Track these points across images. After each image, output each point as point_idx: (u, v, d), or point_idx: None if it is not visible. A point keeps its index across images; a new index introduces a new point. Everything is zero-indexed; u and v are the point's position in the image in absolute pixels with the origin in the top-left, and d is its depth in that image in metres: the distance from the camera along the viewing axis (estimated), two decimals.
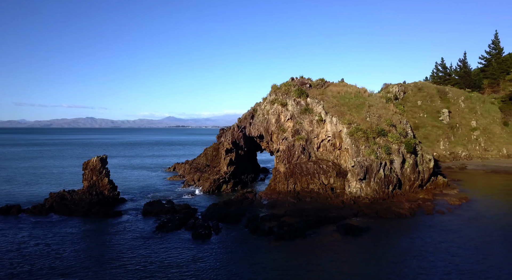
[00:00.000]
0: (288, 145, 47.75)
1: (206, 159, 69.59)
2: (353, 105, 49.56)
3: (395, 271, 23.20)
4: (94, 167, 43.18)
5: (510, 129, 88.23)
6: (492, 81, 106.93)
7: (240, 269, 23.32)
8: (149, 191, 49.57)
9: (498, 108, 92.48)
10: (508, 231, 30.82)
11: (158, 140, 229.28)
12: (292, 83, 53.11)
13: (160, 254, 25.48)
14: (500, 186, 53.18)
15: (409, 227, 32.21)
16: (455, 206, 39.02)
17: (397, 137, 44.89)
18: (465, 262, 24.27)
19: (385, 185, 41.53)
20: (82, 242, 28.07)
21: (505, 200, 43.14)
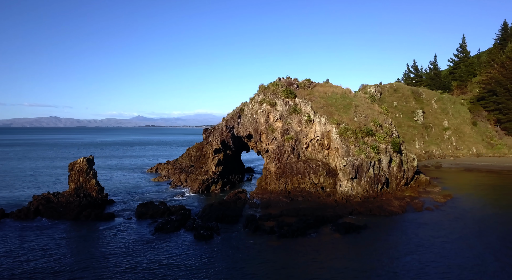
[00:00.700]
0: (278, 145, 48.07)
1: (189, 160, 68.88)
2: (340, 106, 50.55)
3: (399, 266, 24.00)
4: (81, 168, 41.79)
5: (478, 129, 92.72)
6: (460, 83, 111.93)
7: (252, 268, 23.44)
8: (136, 192, 48.48)
9: (467, 109, 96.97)
10: (495, 226, 32.45)
11: (130, 140, 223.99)
12: (280, 83, 53.50)
13: (167, 256, 25.08)
14: (476, 183, 55.80)
15: (403, 224, 33.26)
16: (441, 203, 40.62)
17: (384, 136, 46.23)
18: (461, 257, 25.36)
19: (374, 183, 42.67)
20: (81, 247, 27.12)
21: (485, 197, 45.34)
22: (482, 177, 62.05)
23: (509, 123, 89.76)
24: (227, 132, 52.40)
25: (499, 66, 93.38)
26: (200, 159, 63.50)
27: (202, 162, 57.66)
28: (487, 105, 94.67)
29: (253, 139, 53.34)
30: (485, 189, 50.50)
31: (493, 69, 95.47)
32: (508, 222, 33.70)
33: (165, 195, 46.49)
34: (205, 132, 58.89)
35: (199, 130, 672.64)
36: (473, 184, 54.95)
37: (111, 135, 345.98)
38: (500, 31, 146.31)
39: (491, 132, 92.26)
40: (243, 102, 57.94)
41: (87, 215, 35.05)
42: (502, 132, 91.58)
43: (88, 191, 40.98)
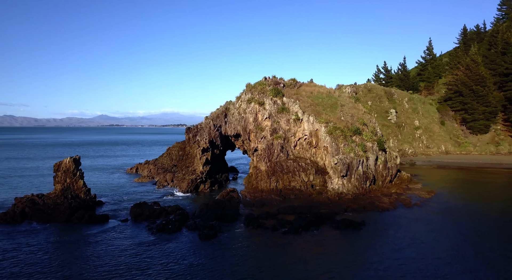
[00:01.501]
0: (267, 144, 48.40)
1: (170, 159, 67.84)
2: (327, 105, 51.61)
3: (401, 258, 25.06)
4: (67, 168, 40.20)
5: (446, 128, 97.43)
6: (428, 84, 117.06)
7: (265, 264, 23.79)
8: (122, 193, 47.19)
9: (436, 109, 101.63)
10: (481, 219, 34.43)
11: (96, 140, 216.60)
12: (267, 83, 53.86)
13: (178, 256, 24.77)
14: (452, 180, 58.78)
15: (397, 219, 34.53)
16: (426, 199, 42.51)
17: (370, 135, 47.70)
18: (457, 248, 26.77)
19: (363, 181, 43.96)
20: (84, 252, 26.13)
21: (465, 192, 47.90)
22: (455, 174, 65.37)
23: (474, 122, 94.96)
24: (215, 131, 52.12)
25: (465, 68, 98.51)
26: (183, 158, 62.66)
27: (187, 162, 56.94)
28: (454, 105, 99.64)
29: (240, 138, 53.36)
30: (463, 185, 53.33)
31: (459, 71, 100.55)
32: (494, 215, 35.85)
33: (154, 196, 45.60)
34: (190, 131, 58.26)
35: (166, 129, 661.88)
36: (449, 180, 57.82)
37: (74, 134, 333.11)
38: (460, 36, 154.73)
39: (457, 131, 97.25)
40: (228, 101, 57.91)
41: (80, 217, 33.82)
42: (467, 131, 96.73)
43: (75, 192, 39.48)
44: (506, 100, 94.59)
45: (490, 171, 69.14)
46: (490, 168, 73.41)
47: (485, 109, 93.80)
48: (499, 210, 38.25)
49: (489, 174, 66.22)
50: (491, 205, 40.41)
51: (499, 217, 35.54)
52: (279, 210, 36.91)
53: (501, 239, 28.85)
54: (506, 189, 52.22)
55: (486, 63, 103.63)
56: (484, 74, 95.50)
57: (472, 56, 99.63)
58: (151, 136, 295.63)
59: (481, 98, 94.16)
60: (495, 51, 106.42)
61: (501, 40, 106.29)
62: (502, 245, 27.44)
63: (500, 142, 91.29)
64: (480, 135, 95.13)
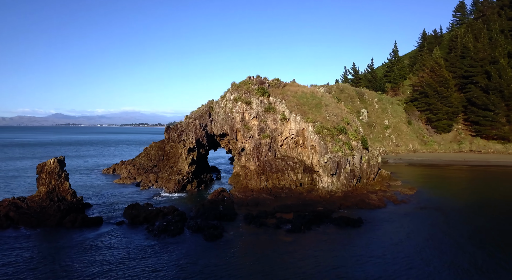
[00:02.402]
0: (255, 143, 48.57)
1: (148, 159, 66.32)
2: (312, 105, 52.56)
3: (404, 251, 26.37)
4: (52, 170, 38.34)
5: (413, 127, 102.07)
6: (394, 85, 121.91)
7: (279, 260, 24.23)
8: (106, 195, 45.56)
9: (403, 109, 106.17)
10: (467, 213, 36.62)
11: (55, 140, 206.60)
12: (252, 82, 54.00)
13: (190, 258, 24.45)
14: (426, 176, 61.81)
15: (389, 215, 35.88)
16: (410, 195, 44.47)
17: (355, 134, 49.16)
18: (452, 240, 28.36)
19: (350, 179, 45.26)
20: (88, 257, 25.09)
21: (442, 188, 50.63)
22: (426, 170, 68.74)
23: (438, 122, 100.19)
24: (201, 131, 51.57)
25: (429, 71, 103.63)
26: (164, 159, 61.47)
27: (171, 162, 55.88)
28: (419, 106, 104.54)
29: (226, 137, 53.17)
30: (438, 181, 56.29)
31: (424, 73, 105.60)
32: (477, 209, 38.19)
33: (142, 197, 44.43)
34: (170, 131, 57.35)
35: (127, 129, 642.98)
36: (424, 177, 60.77)
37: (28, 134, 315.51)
38: (420, 39, 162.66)
39: (423, 130, 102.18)
40: (210, 100, 57.61)
41: (72, 221, 32.35)
42: (432, 130, 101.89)
43: (61, 195, 37.72)
44: (466, 101, 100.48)
45: (457, 168, 73.34)
46: (456, 165, 77.86)
47: (448, 109, 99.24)
48: (480, 204, 40.76)
49: (457, 170, 70.23)
50: (470, 199, 43.00)
51: (483, 210, 37.90)
52: (275, 209, 37.25)
53: (491, 230, 30.86)
54: (476, 183, 55.54)
55: (447, 66, 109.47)
56: (447, 76, 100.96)
57: (436, 59, 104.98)
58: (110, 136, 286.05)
59: (444, 99, 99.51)
60: (455, 54, 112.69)
61: (460, 45, 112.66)
62: (493, 235, 29.37)
63: (462, 141, 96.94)
64: (443, 134, 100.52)
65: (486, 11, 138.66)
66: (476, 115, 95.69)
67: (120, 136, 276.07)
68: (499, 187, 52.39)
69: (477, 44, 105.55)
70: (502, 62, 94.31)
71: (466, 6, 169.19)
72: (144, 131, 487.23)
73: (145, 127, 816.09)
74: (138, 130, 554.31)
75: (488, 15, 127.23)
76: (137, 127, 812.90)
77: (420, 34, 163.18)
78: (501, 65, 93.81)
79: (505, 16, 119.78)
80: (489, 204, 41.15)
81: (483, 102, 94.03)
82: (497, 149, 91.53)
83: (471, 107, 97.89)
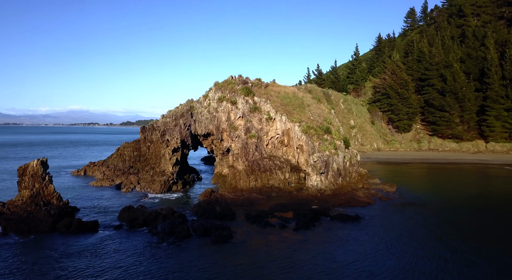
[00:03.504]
0: (243, 143, 48.56)
1: (122, 160, 63.97)
2: (295, 105, 53.48)
3: (411, 244, 27.56)
4: (35, 172, 35.96)
5: (376, 127, 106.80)
6: (356, 86, 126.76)
7: (299, 257, 24.67)
8: (89, 198, 43.41)
9: (366, 110, 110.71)
10: (452, 208, 39.12)
11: None
12: (236, 81, 53.91)
13: (209, 258, 24.11)
14: (398, 173, 65.04)
15: (383, 211, 37.42)
16: (393, 192, 46.62)
17: (339, 134, 50.71)
18: (451, 230, 30.31)
19: (337, 177, 46.62)
20: (99, 263, 23.94)
21: (419, 185, 53.57)
22: (396, 168, 72.31)
23: (399, 122, 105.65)
24: (186, 131, 50.65)
25: (391, 73, 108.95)
26: (141, 159, 59.60)
27: (151, 162, 54.21)
28: (382, 107, 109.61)
29: (210, 137, 52.66)
30: (411, 178, 59.54)
31: (386, 75, 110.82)
32: (458, 204, 40.92)
33: (128, 199, 42.86)
34: (148, 131, 55.86)
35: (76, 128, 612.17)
36: (397, 174, 63.93)
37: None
38: (376, 43, 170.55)
39: (385, 130, 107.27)
40: (190, 99, 56.99)
41: (67, 225, 30.57)
42: (393, 130, 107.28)
43: (47, 199, 35.49)
44: (424, 102, 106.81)
45: (423, 166, 77.85)
46: (420, 162, 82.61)
47: (408, 110, 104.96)
48: (458, 199, 43.69)
49: (424, 168, 74.58)
50: (447, 195, 45.99)
51: (464, 205, 40.70)
52: (273, 208, 37.57)
53: (476, 222, 33.29)
54: (445, 179, 59.28)
55: (405, 69, 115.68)
56: (407, 79, 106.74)
57: (396, 62, 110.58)
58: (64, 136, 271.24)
59: (405, 100, 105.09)
60: (412, 58, 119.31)
61: (416, 49, 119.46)
62: (481, 226, 31.73)
63: (421, 140, 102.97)
64: (404, 133, 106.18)
65: (437, 18, 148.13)
66: (434, 115, 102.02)
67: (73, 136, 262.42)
68: (467, 183, 56.39)
69: (432, 49, 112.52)
70: (456, 67, 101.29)
71: (416, 13, 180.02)
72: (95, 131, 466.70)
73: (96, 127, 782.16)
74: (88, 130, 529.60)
75: (439, 22, 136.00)
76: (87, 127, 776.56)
77: (376, 38, 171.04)
78: (455, 69, 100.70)
79: (454, 24, 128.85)
80: (465, 199, 44.20)
81: (439, 103, 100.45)
82: (452, 148, 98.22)
83: (429, 108, 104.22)
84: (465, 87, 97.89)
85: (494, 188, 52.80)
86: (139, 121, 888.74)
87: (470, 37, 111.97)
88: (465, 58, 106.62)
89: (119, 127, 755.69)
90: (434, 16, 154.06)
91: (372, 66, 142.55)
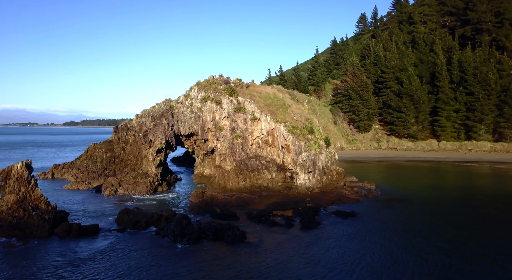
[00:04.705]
0: (229, 143, 48.47)
1: (93, 162, 61.11)
2: (278, 105, 54.28)
3: (412, 236, 29.40)
4: (20, 175, 33.57)
5: (338, 127, 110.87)
6: (317, 87, 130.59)
7: (319, 253, 25.30)
8: (72, 202, 41.05)
9: (329, 110, 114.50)
10: (432, 203, 41.94)
11: None
12: (218, 81, 53.63)
13: (229, 259, 24.08)
14: (370, 171, 68.18)
15: (374, 207, 39.20)
16: (374, 189, 48.89)
17: (321, 134, 52.26)
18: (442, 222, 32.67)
19: (322, 176, 48.08)
20: (124, 265, 23.02)
21: (396, 182, 56.32)
22: (364, 166, 75.76)
23: (360, 122, 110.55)
24: (170, 131, 49.52)
25: (352, 75, 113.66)
26: (116, 161, 57.29)
27: (131, 163, 52.18)
28: (343, 107, 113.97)
29: (193, 137, 51.94)
30: (385, 175, 62.74)
31: (347, 77, 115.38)
32: (438, 199, 43.91)
33: (115, 202, 41.14)
34: (121, 131, 53.94)
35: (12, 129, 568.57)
36: (369, 172, 67.04)
37: None
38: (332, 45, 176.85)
39: (347, 130, 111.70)
40: (167, 99, 55.93)
41: (67, 230, 28.91)
42: (355, 129, 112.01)
43: (34, 203, 33.19)
44: (382, 103, 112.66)
45: (387, 164, 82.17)
46: (382, 161, 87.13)
47: (368, 111, 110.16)
48: (435, 194, 46.89)
49: (388, 166, 78.72)
50: (424, 190, 49.24)
51: (442, 200, 43.79)
52: (269, 207, 38.07)
53: (461, 215, 36.15)
54: (415, 176, 63.24)
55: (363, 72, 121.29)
56: (367, 81, 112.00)
57: (356, 65, 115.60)
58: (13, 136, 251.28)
59: (365, 101, 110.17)
60: (369, 62, 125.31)
61: (373, 53, 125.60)
62: (466, 217, 34.51)
63: (380, 139, 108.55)
64: (364, 133, 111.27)
65: (389, 24, 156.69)
66: (391, 116, 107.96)
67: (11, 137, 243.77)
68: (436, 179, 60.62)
69: (386, 54, 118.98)
70: (411, 70, 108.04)
71: (367, 19, 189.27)
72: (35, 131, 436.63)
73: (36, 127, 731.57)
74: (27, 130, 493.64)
75: (392, 28, 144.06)
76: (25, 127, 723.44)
77: (331, 40, 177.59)
78: (410, 72, 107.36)
79: (406, 30, 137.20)
80: (441, 194, 47.57)
81: (397, 104, 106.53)
82: (408, 146, 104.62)
83: (387, 109, 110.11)
84: (420, 90, 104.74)
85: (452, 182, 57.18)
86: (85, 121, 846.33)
87: (420, 43, 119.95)
88: (418, 63, 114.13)
89: (62, 128, 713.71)
90: (386, 21, 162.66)
91: (329, 68, 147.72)
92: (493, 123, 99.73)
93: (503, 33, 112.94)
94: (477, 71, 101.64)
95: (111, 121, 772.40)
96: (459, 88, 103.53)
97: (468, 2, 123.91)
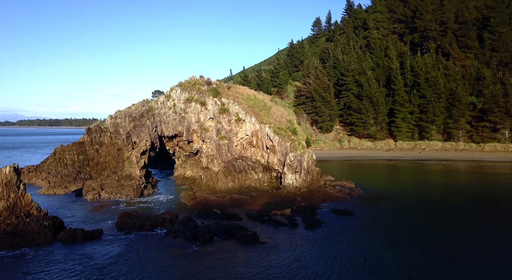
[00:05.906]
0: (215, 145, 48.48)
1: (63, 165, 58.21)
2: (260, 107, 55.09)
3: (416, 228, 31.51)
4: (9, 180, 31.48)
5: (302, 127, 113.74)
6: (279, 89, 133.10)
7: (333, 247, 26.66)
8: (52, 208, 38.78)
9: (293, 111, 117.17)
10: (415, 198, 44.92)
11: None
12: (200, 82, 53.35)
13: (248, 259, 24.56)
14: (342, 170, 71.07)
15: (362, 205, 40.90)
16: (355, 188, 51.07)
17: (303, 135, 53.82)
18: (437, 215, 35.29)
19: (307, 175, 49.62)
20: (153, 267, 22.63)
21: (371, 180, 59.13)
22: (332, 165, 78.73)
23: (323, 123, 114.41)
24: (154, 132, 48.47)
25: (314, 78, 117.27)
26: (90, 163, 54.92)
27: (111, 165, 50.18)
28: (306, 109, 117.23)
29: (176, 139, 51.26)
30: (358, 174, 65.66)
31: (310, 79, 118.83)
32: (415, 196, 47.05)
33: (102, 206, 39.68)
34: (94, 132, 51.99)
35: None
36: (342, 170, 69.91)
37: None
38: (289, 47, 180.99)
39: (310, 131, 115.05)
40: (145, 99, 54.68)
41: (71, 236, 27.66)
42: (317, 130, 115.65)
43: (25, 209, 31.28)
44: (343, 105, 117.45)
45: (352, 163, 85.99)
46: (346, 160, 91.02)
47: (330, 112, 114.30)
48: (411, 191, 50.18)
49: (354, 165, 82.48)
50: (399, 188, 52.53)
51: (419, 196, 47.02)
52: (265, 207, 38.76)
53: (442, 212, 39.26)
54: (386, 174, 66.97)
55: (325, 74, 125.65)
56: (329, 83, 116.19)
57: (319, 67, 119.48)
58: None
59: (327, 103, 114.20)
60: (329, 64, 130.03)
61: (332, 56, 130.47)
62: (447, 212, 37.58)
63: (342, 139, 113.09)
64: (326, 133, 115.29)
65: (345, 29, 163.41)
66: (352, 117, 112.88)
67: None
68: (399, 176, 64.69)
69: (345, 57, 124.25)
70: (369, 74, 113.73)
71: (321, 23, 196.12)
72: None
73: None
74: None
75: (348, 33, 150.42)
76: None
77: (289, 43, 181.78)
78: (369, 76, 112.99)
79: (361, 35, 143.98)
80: (411, 189, 51.05)
81: (357, 106, 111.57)
82: (368, 146, 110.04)
83: (347, 110, 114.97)
84: (378, 92, 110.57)
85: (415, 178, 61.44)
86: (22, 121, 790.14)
87: (376, 48, 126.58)
88: (374, 67, 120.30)
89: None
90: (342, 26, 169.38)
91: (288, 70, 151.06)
92: (443, 124, 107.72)
93: (447, 41, 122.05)
94: (428, 76, 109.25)
95: (53, 121, 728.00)
96: (413, 91, 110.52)
97: (415, 11, 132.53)
